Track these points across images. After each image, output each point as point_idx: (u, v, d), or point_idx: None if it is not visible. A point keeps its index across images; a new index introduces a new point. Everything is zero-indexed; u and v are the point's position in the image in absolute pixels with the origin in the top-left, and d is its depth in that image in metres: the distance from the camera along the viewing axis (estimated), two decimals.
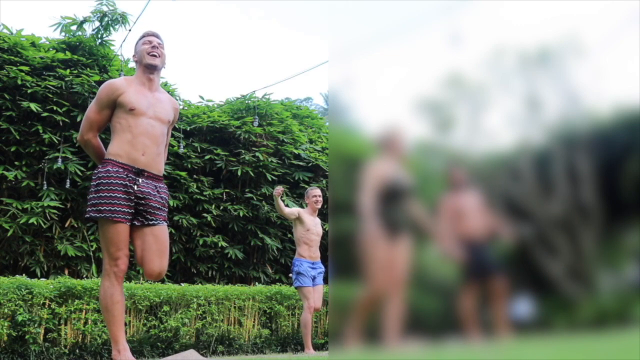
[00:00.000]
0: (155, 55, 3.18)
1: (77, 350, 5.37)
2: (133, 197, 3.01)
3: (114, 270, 2.95)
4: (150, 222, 3.07)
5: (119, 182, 2.97)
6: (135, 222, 3.06)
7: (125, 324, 5.60)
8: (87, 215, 3.00)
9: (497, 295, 2.87)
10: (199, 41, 47.36)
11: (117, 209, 2.95)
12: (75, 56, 7.54)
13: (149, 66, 3.17)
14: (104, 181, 2.97)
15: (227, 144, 8.58)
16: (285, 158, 8.84)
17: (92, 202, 2.99)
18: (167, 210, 3.21)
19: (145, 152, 3.05)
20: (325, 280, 5.96)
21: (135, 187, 3.00)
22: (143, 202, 3.04)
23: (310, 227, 5.75)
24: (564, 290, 2.81)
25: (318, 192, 5.93)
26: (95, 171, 3.08)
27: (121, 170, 3.00)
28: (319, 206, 5.87)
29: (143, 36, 3.29)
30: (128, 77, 3.24)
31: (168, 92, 8.87)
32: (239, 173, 8.24)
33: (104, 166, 3.02)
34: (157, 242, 3.09)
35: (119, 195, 2.96)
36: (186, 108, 8.78)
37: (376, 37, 2.75)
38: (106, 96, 3.07)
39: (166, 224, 3.18)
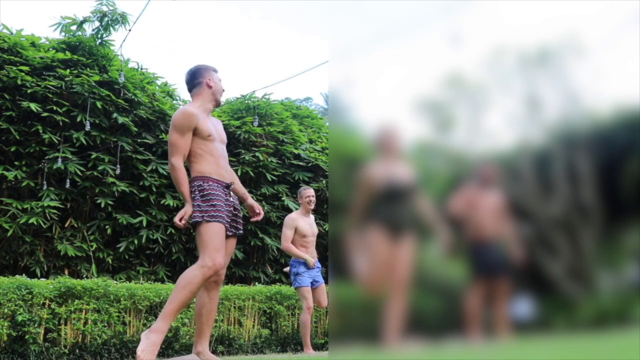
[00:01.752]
0: (222, 95, 3.50)
1: (77, 350, 5.37)
2: (231, 209, 3.26)
3: (208, 272, 3.05)
4: (238, 232, 3.33)
5: (222, 196, 3.20)
6: (228, 233, 3.24)
7: (125, 324, 5.62)
8: (197, 220, 3.11)
9: (501, 295, 2.87)
10: (198, 41, 47.36)
11: (226, 219, 3.15)
12: (75, 56, 7.54)
13: (218, 103, 3.48)
14: (213, 191, 3.16)
15: (227, 143, 8.57)
16: (285, 158, 8.84)
17: (200, 209, 3.11)
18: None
19: (225, 169, 3.35)
20: (325, 280, 5.95)
21: (231, 199, 3.27)
22: (235, 212, 3.30)
23: (306, 232, 5.72)
24: (564, 290, 2.81)
25: (311, 192, 5.90)
26: (198, 184, 3.20)
27: (218, 186, 3.22)
28: (312, 207, 5.84)
29: (214, 70, 3.49)
30: (195, 104, 3.42)
31: (168, 92, 8.91)
32: (239, 173, 8.23)
33: (206, 181, 3.20)
34: (232, 248, 3.35)
35: (225, 206, 3.17)
36: None
37: (376, 37, 2.75)
38: (188, 123, 3.23)
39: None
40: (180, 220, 3.12)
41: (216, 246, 3.04)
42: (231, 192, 3.31)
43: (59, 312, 5.31)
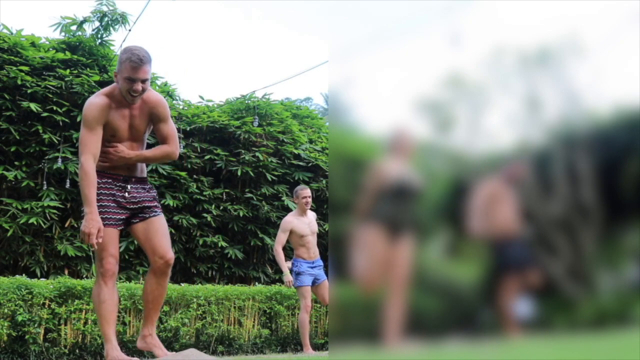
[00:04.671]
0: (135, 95, 3.00)
1: (77, 350, 5.37)
2: (125, 204, 3.11)
3: (101, 270, 3.04)
4: (149, 216, 3.16)
5: (108, 192, 3.07)
6: (133, 220, 3.15)
7: (125, 324, 5.62)
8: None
9: (515, 291, 2.86)
10: (199, 41, 47.35)
11: (106, 217, 3.03)
12: (75, 56, 7.54)
13: (129, 100, 3.04)
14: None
15: (227, 144, 8.57)
16: (285, 158, 8.83)
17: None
18: (159, 205, 3.29)
19: (128, 167, 3.14)
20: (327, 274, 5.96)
21: (127, 195, 3.10)
22: (138, 205, 3.14)
23: (303, 232, 5.73)
24: (564, 290, 2.81)
25: (308, 192, 5.90)
26: None
27: (110, 180, 3.09)
28: (309, 207, 5.85)
29: (128, 60, 2.95)
30: (110, 91, 3.07)
31: (168, 92, 8.89)
32: (239, 173, 8.23)
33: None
34: (160, 228, 3.17)
35: (108, 204, 3.06)
36: (186, 108, 8.78)
37: (376, 37, 2.76)
38: (96, 115, 3.02)
39: (163, 214, 3.27)
40: (96, 238, 2.92)
41: (99, 248, 2.99)
42: (132, 185, 3.10)
43: (59, 312, 5.31)
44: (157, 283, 3.17)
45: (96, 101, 3.03)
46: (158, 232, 3.14)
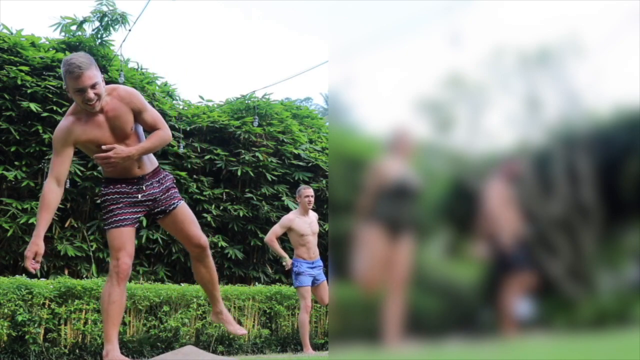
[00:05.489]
0: (91, 104, 2.91)
1: (77, 350, 5.38)
2: (140, 203, 3.15)
3: (116, 270, 3.04)
4: (171, 209, 3.22)
5: (122, 194, 3.12)
6: (159, 216, 3.23)
7: (125, 324, 5.62)
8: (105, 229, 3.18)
9: (517, 290, 2.86)
10: (199, 41, 47.34)
11: (123, 217, 3.08)
12: None
13: (89, 110, 2.97)
14: (109, 197, 3.12)
15: (227, 144, 8.57)
16: (285, 158, 8.84)
17: (104, 217, 3.15)
18: (177, 190, 3.34)
19: (139, 165, 3.16)
20: (326, 275, 5.96)
21: (140, 196, 3.13)
22: (155, 201, 3.19)
23: (304, 231, 5.72)
24: (564, 290, 2.81)
25: (311, 191, 5.90)
26: (100, 191, 3.22)
27: (124, 184, 3.13)
28: (311, 206, 5.85)
29: (67, 72, 2.85)
30: (75, 107, 3.02)
31: (168, 92, 8.89)
32: (239, 173, 8.23)
33: (107, 185, 3.15)
34: (185, 217, 3.27)
35: (123, 205, 3.10)
36: (186, 108, 8.78)
37: (376, 37, 2.76)
38: (61, 140, 3.01)
39: (183, 201, 3.33)
40: (34, 258, 2.98)
41: (116, 247, 3.04)
42: (146, 184, 3.14)
43: (59, 312, 5.31)
44: (204, 267, 3.35)
45: (61, 124, 3.04)
46: (184, 223, 3.26)
